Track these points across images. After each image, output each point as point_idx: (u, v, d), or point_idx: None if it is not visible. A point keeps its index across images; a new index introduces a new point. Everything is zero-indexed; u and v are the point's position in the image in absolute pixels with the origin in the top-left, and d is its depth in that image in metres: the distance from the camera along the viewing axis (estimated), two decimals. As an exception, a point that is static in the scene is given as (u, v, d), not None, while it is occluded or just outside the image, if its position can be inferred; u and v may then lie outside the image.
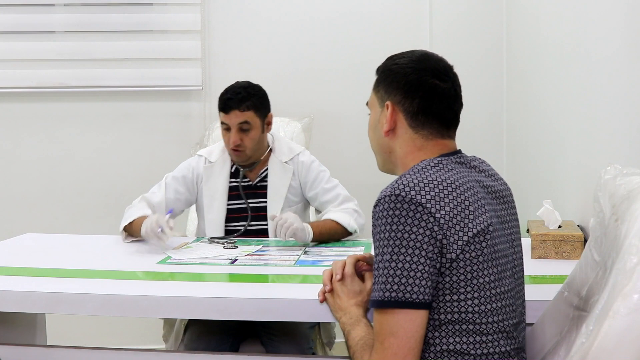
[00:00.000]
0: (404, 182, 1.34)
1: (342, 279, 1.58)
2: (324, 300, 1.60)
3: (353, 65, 3.46)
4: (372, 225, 1.36)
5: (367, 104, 1.57)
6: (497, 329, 1.34)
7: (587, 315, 1.32)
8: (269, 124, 2.54)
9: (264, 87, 2.63)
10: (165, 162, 3.35)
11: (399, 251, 1.30)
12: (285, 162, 2.55)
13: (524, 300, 1.48)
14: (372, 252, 1.72)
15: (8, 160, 3.49)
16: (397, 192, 1.32)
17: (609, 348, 1.15)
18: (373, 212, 1.36)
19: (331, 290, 1.59)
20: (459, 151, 1.49)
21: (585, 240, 1.92)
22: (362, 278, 1.60)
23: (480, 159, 1.52)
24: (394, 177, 1.47)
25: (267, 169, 2.55)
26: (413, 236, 1.29)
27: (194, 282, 1.98)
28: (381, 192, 1.35)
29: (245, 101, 2.44)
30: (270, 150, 2.57)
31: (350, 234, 2.41)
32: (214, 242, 2.39)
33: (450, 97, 1.46)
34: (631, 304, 1.15)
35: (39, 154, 3.49)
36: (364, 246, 2.32)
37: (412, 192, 1.31)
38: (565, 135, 2.42)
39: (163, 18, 3.45)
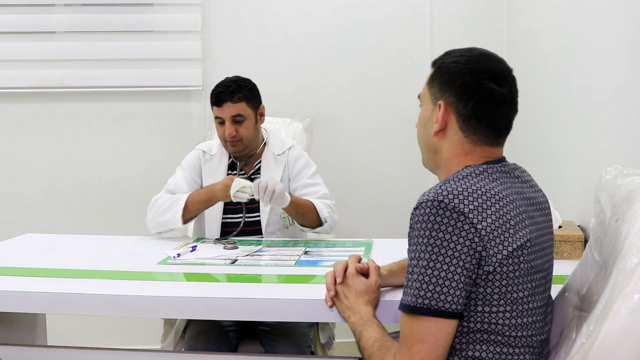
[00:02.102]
0: (447, 189, 1.30)
1: (343, 281, 1.58)
2: (333, 305, 1.60)
3: (354, 66, 3.46)
4: (410, 228, 1.33)
5: (418, 96, 1.52)
6: (525, 344, 1.33)
7: (587, 316, 1.32)
8: (262, 115, 2.61)
9: (265, 88, 2.64)
10: (165, 162, 3.36)
11: (436, 259, 1.27)
12: (278, 155, 2.61)
13: (552, 318, 1.46)
14: (371, 255, 1.73)
15: (8, 160, 3.48)
16: (441, 198, 1.28)
17: (610, 348, 1.15)
18: (412, 214, 1.32)
19: (336, 295, 1.59)
20: (504, 159, 1.45)
21: (586, 241, 1.92)
22: (365, 275, 1.60)
23: (521, 167, 1.48)
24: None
25: (260, 162, 2.61)
26: (452, 245, 1.26)
27: (194, 282, 1.98)
28: (422, 196, 1.32)
29: (236, 93, 2.50)
30: (265, 143, 2.63)
31: (320, 223, 2.45)
32: (218, 242, 2.41)
33: (506, 104, 1.41)
34: (632, 304, 1.15)
35: (39, 154, 3.48)
36: (364, 246, 2.32)
37: (456, 200, 1.28)
38: (566, 136, 2.42)
39: (163, 18, 3.45)
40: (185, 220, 2.47)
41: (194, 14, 3.42)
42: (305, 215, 2.45)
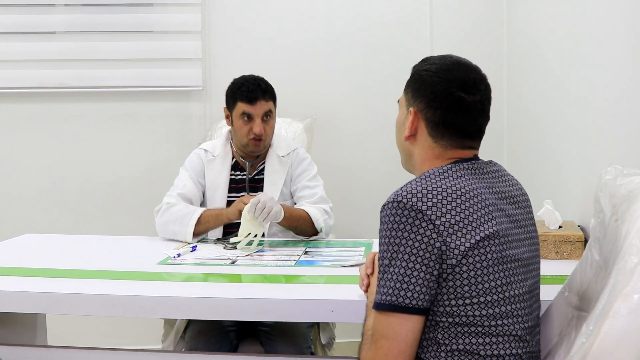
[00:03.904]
0: (408, 189, 1.36)
1: (373, 270, 1.59)
2: (366, 291, 1.59)
3: (354, 66, 3.46)
4: (379, 229, 1.38)
5: (398, 101, 1.56)
6: (507, 332, 1.35)
7: (587, 315, 1.32)
8: (276, 114, 2.64)
9: (266, 87, 2.64)
10: (165, 162, 3.36)
11: (396, 256, 1.32)
12: (283, 157, 2.62)
13: (539, 305, 1.48)
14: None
15: (8, 160, 3.48)
16: (400, 198, 1.34)
17: (609, 348, 1.15)
18: (380, 216, 1.38)
19: (369, 285, 1.58)
20: (475, 157, 1.48)
21: (586, 241, 1.92)
22: None
23: (496, 163, 1.51)
24: (399, 177, 1.48)
25: (264, 163, 2.61)
26: (410, 242, 1.32)
27: (194, 282, 1.98)
28: (387, 198, 1.37)
29: (267, 92, 2.56)
30: (270, 144, 2.65)
31: (316, 231, 2.46)
32: (218, 242, 2.41)
33: (475, 111, 1.45)
34: (631, 304, 1.15)
35: (39, 154, 3.48)
36: (364, 246, 2.32)
37: (414, 199, 1.33)
38: (566, 136, 2.42)
39: (163, 18, 3.45)
40: (196, 234, 2.44)
41: (194, 14, 3.42)
42: (299, 227, 2.46)
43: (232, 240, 2.35)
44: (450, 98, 1.43)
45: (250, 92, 2.52)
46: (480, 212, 1.35)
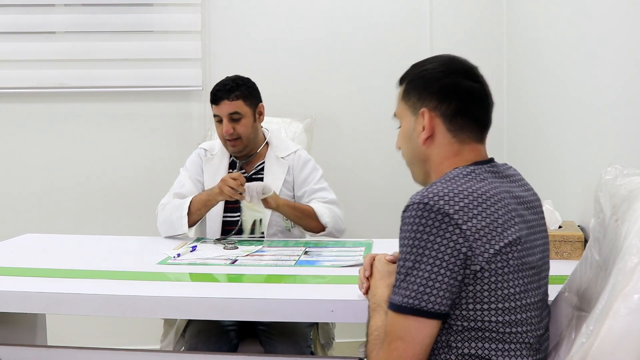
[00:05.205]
0: (434, 191, 1.33)
1: (372, 272, 1.58)
2: (366, 293, 1.58)
3: (354, 66, 3.46)
4: (400, 230, 1.36)
5: (394, 115, 1.53)
6: (520, 340, 1.34)
7: (587, 316, 1.32)
8: (261, 114, 2.62)
9: (265, 88, 2.64)
10: (165, 162, 3.36)
11: (420, 260, 1.30)
12: (282, 158, 2.63)
13: (549, 312, 1.47)
14: (371, 252, 1.73)
15: (8, 160, 3.48)
16: (426, 200, 1.31)
17: (609, 348, 1.15)
18: (402, 217, 1.35)
19: (368, 288, 1.57)
20: (492, 159, 1.47)
21: (586, 241, 1.92)
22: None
23: (511, 167, 1.51)
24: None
25: (263, 162, 2.62)
26: (436, 246, 1.29)
27: (194, 282, 1.98)
28: (411, 198, 1.34)
29: (233, 91, 2.53)
30: (267, 144, 2.65)
31: (322, 227, 2.48)
32: (218, 242, 2.41)
33: (483, 98, 1.46)
34: (631, 304, 1.15)
35: (39, 154, 3.48)
36: (364, 246, 2.32)
37: (441, 202, 1.30)
38: (566, 136, 2.42)
39: (163, 18, 3.45)
40: (190, 223, 2.47)
41: (194, 14, 3.42)
42: (303, 219, 2.48)
43: (233, 238, 2.36)
44: (461, 88, 1.43)
45: (214, 93, 2.54)
46: (504, 217, 1.33)
